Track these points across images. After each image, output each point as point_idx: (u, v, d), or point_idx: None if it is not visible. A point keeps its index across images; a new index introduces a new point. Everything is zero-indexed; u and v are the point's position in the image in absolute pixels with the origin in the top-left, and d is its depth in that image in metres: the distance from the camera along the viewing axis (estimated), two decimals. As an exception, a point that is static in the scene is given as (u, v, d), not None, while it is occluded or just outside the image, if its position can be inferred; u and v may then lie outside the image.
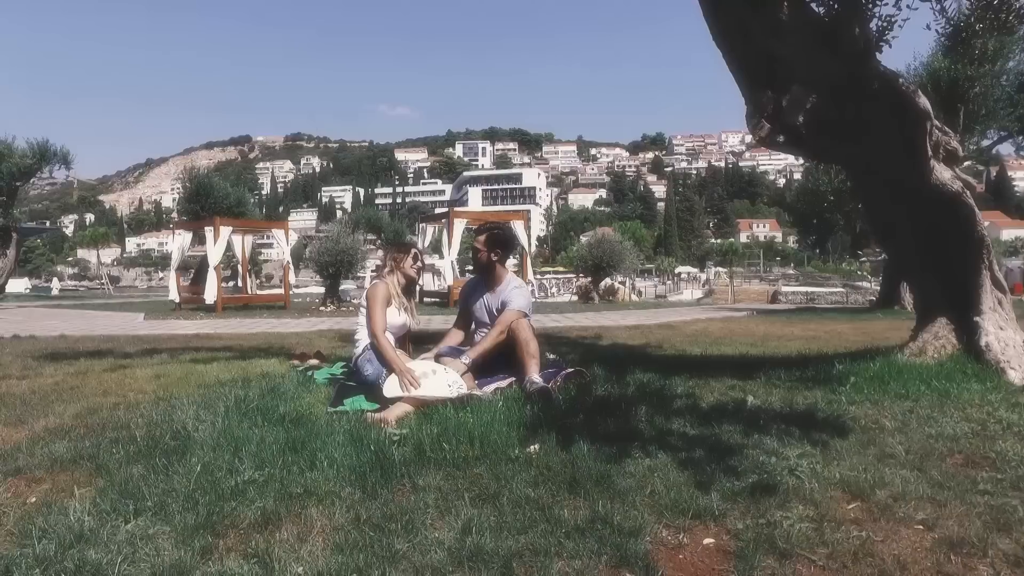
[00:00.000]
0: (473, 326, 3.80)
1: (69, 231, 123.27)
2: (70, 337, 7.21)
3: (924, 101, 3.18)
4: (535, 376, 3.24)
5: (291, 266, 15.96)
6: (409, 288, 3.65)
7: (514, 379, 3.46)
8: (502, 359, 3.54)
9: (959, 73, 10.25)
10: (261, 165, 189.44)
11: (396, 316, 3.51)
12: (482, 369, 3.48)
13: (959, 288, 3.97)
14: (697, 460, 2.34)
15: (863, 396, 3.32)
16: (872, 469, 2.22)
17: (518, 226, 15.86)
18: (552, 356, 4.38)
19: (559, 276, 48.30)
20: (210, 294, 13.77)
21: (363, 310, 3.49)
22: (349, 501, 1.92)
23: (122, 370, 4.28)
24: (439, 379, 3.11)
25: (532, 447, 2.39)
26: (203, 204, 20.25)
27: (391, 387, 3.06)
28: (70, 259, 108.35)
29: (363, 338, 3.45)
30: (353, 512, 1.84)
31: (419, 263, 3.70)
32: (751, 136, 3.28)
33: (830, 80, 3.09)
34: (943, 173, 3.45)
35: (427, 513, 1.85)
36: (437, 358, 3.54)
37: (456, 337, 3.84)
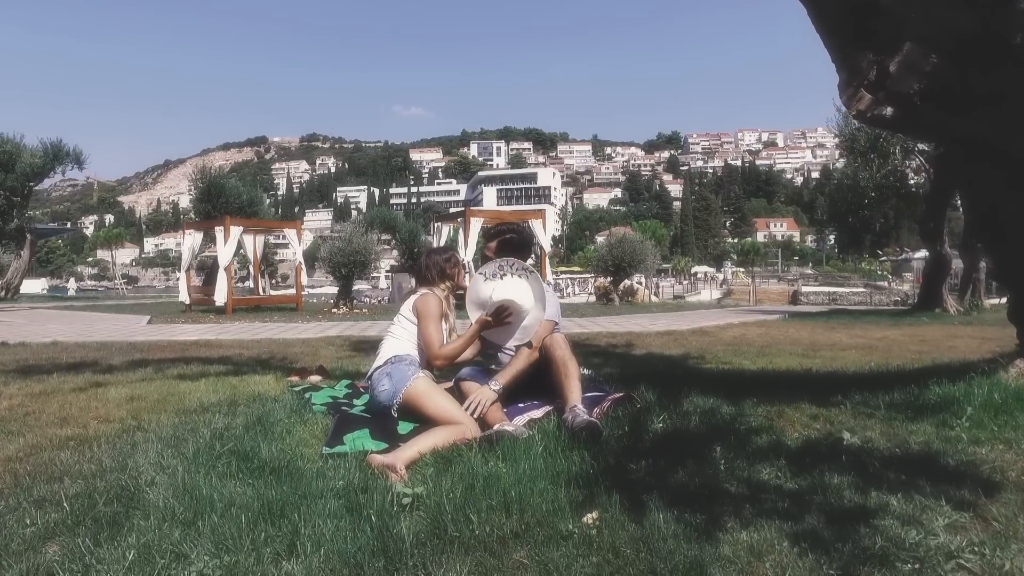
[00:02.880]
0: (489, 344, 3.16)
1: (89, 232, 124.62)
2: (62, 344, 6.71)
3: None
4: (579, 406, 2.62)
5: (303, 267, 15.51)
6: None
7: (550, 407, 2.85)
8: (531, 381, 2.94)
9: None
10: (277, 166, 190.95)
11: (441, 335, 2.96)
12: (508, 394, 2.88)
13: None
14: (813, 534, 1.71)
15: (988, 433, 2.65)
16: (1073, 558, 1.58)
17: (536, 225, 15.05)
18: (587, 371, 3.75)
19: (575, 276, 47.57)
20: (220, 295, 13.40)
21: (402, 319, 2.95)
22: (337, 618, 1.32)
23: (95, 389, 3.73)
24: (514, 289, 2.85)
25: (589, 516, 1.78)
26: (215, 204, 19.97)
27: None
28: (90, 259, 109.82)
29: (389, 351, 2.88)
30: (342, 642, 1.24)
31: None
32: (847, 109, 2.64)
33: (955, 34, 2.44)
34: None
35: (451, 641, 1.25)
36: (456, 382, 2.95)
37: (468, 352, 3.22)
